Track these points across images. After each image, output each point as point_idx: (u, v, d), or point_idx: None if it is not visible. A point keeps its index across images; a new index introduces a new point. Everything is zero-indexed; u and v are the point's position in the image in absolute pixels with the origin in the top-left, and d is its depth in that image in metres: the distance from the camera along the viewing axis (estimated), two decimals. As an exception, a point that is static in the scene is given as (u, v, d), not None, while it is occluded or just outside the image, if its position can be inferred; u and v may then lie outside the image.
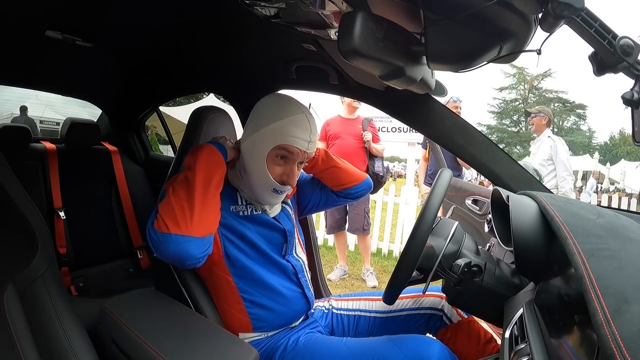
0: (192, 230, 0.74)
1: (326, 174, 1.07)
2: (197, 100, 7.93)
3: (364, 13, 0.55)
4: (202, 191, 0.78)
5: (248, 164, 0.90)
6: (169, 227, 0.73)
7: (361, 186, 1.12)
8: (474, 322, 1.00)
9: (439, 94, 0.97)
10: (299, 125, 0.86)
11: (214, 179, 0.82)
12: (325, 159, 1.06)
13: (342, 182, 1.09)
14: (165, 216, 0.75)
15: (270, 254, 0.94)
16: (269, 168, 0.88)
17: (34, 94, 9.32)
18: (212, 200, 0.80)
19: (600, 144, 27.13)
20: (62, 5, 0.94)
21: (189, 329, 0.78)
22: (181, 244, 0.73)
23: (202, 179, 0.79)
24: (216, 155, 0.85)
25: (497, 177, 0.96)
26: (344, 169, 1.09)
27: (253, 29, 0.95)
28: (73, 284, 1.54)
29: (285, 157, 0.88)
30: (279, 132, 0.86)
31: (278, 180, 0.89)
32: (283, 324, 0.96)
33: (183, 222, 0.74)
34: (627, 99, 0.55)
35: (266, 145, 0.87)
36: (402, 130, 4.49)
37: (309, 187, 1.13)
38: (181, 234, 0.73)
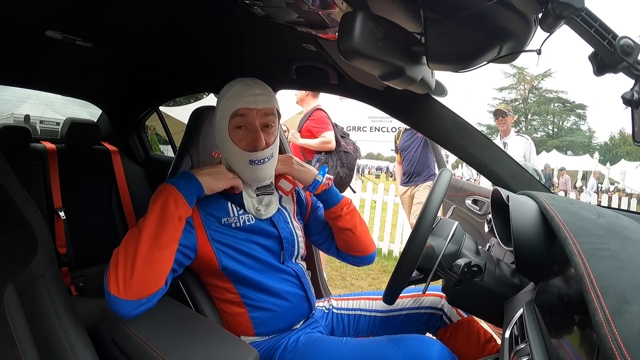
0: (129, 294, 0.70)
1: (340, 233, 1.03)
2: (197, 100, 7.92)
3: (364, 13, 0.55)
4: (147, 250, 0.73)
5: (223, 153, 0.92)
6: (110, 285, 0.71)
7: (363, 259, 1.08)
8: (473, 322, 1.00)
9: (439, 94, 0.97)
10: (240, 88, 0.87)
11: (165, 235, 0.75)
12: (349, 220, 1.01)
13: (349, 248, 1.05)
14: (112, 269, 0.72)
15: (269, 261, 0.93)
16: (236, 143, 0.87)
17: (34, 94, 9.31)
18: (158, 258, 0.74)
19: (600, 144, 27.12)
20: (62, 5, 0.94)
21: (189, 329, 0.78)
22: (117, 305, 0.71)
23: (149, 236, 0.74)
24: (175, 202, 0.77)
25: (497, 177, 0.96)
26: (358, 236, 1.03)
27: (253, 28, 0.95)
28: (73, 284, 1.54)
29: (243, 124, 0.87)
30: (227, 105, 0.87)
31: (248, 149, 0.87)
32: (285, 328, 0.95)
33: (122, 284, 0.70)
34: (627, 99, 0.55)
35: (223, 123, 0.88)
36: (402, 130, 4.49)
37: (320, 224, 1.08)
38: (117, 296, 0.70)
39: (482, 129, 25.61)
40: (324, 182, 0.99)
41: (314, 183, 0.98)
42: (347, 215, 1.01)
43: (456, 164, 12.66)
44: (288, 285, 0.95)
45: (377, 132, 4.71)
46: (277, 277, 0.94)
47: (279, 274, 0.94)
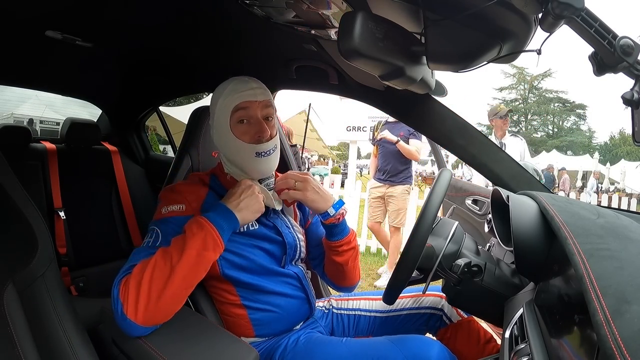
0: (146, 322, 0.70)
1: (330, 264, 1.01)
2: (197, 100, 7.91)
3: (364, 13, 0.55)
4: (178, 285, 0.71)
5: (224, 150, 0.91)
6: (128, 309, 0.68)
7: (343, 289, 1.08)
8: (473, 322, 1.00)
9: (439, 94, 0.97)
10: (236, 85, 0.87)
11: (199, 273, 0.75)
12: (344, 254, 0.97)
13: (335, 278, 1.05)
14: (131, 293, 0.69)
15: (270, 266, 0.92)
16: (239, 138, 0.87)
17: (34, 94, 9.32)
18: (185, 292, 0.74)
19: (600, 144, 27.13)
20: (62, 5, 0.94)
21: (189, 329, 0.78)
22: (129, 327, 0.69)
23: (182, 278, 0.71)
24: (214, 244, 0.75)
25: (497, 177, 0.96)
26: (347, 272, 1.01)
27: (253, 28, 0.95)
28: (73, 284, 1.54)
29: (245, 118, 0.87)
30: (226, 102, 0.87)
31: (253, 142, 0.87)
32: (285, 329, 0.95)
33: (142, 311, 0.68)
34: (627, 99, 0.55)
35: (225, 120, 0.87)
36: (402, 130, 4.49)
37: (315, 241, 1.06)
38: (134, 322, 0.69)
39: (482, 129, 25.58)
40: (336, 216, 0.93)
41: (324, 214, 0.93)
42: (346, 252, 0.98)
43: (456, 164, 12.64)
44: (289, 287, 0.95)
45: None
46: (277, 280, 0.94)
47: (279, 277, 0.94)
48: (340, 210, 0.93)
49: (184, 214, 0.84)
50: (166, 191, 0.90)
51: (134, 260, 0.76)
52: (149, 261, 0.72)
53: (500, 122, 3.08)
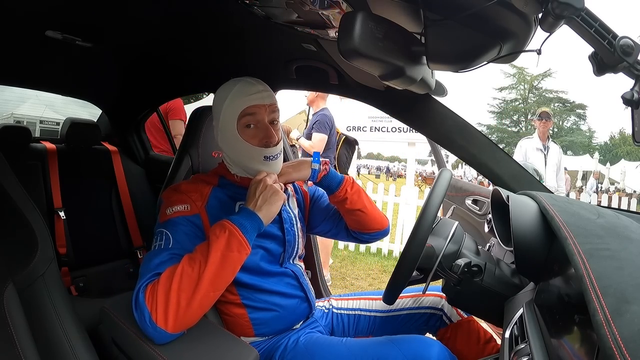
0: (176, 329, 0.70)
1: (350, 214, 1.00)
2: (197, 100, 7.92)
3: (364, 13, 0.55)
4: (205, 292, 0.71)
5: (230, 152, 0.90)
6: (158, 318, 0.68)
7: (378, 234, 1.06)
8: (473, 322, 1.00)
9: (439, 94, 0.97)
10: (242, 87, 0.86)
11: (223, 283, 0.74)
12: (356, 200, 0.98)
13: (363, 227, 1.02)
14: (160, 301, 0.68)
15: (268, 266, 0.92)
16: (247, 141, 0.86)
17: (34, 94, 9.32)
18: (212, 300, 0.74)
19: (600, 144, 27.12)
20: (63, 5, 0.94)
21: (189, 329, 0.78)
22: (159, 335, 0.69)
23: (209, 282, 0.71)
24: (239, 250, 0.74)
25: (497, 177, 0.96)
26: (369, 214, 1.01)
27: (253, 29, 0.95)
28: (73, 284, 1.54)
29: (253, 122, 0.86)
30: (234, 104, 0.85)
31: (262, 146, 0.86)
32: (285, 328, 0.95)
33: (172, 320, 0.68)
34: (627, 99, 0.55)
35: (231, 123, 0.86)
36: (402, 130, 4.50)
37: (323, 212, 1.07)
38: (165, 330, 0.68)
39: (482, 129, 25.61)
40: (321, 168, 0.95)
41: (312, 173, 0.95)
42: (354, 195, 0.97)
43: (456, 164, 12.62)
44: (287, 286, 0.95)
45: (377, 132, 4.70)
46: (276, 280, 0.94)
47: (278, 277, 0.94)
48: (321, 160, 0.96)
49: (190, 213, 0.84)
50: (169, 192, 0.89)
51: (148, 264, 0.75)
52: (175, 269, 0.71)
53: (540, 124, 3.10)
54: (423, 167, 22.68)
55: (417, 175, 4.09)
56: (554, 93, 27.05)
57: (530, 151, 3.12)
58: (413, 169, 4.90)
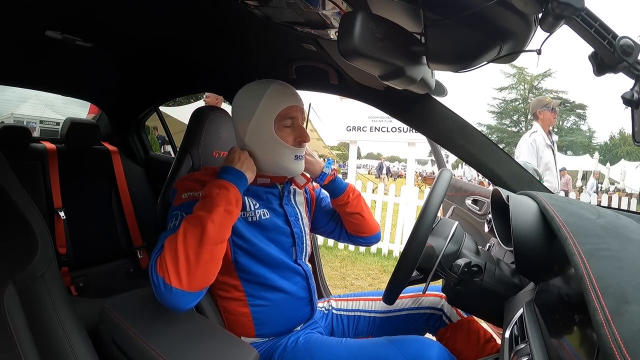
0: (194, 285, 0.71)
1: (350, 217, 1.08)
2: (197, 100, 7.92)
3: (364, 13, 0.55)
4: (213, 243, 0.74)
5: (261, 150, 0.91)
6: (171, 278, 0.69)
7: (372, 238, 1.14)
8: (473, 322, 1.00)
9: (439, 94, 0.97)
10: (280, 89, 0.91)
11: (228, 229, 0.78)
12: (356, 205, 1.06)
13: (359, 230, 1.10)
14: (169, 263, 0.70)
15: (282, 258, 0.93)
16: (283, 139, 0.90)
17: (34, 94, 9.32)
18: (220, 251, 0.77)
19: (600, 144, 27.11)
20: (63, 5, 0.94)
21: (189, 329, 0.78)
22: (180, 298, 0.70)
23: (215, 230, 0.74)
24: (237, 198, 0.80)
25: (497, 177, 0.96)
26: (366, 219, 1.09)
27: (253, 29, 0.95)
28: (73, 284, 1.54)
29: (290, 123, 0.91)
30: (271, 104, 0.89)
31: (295, 145, 0.91)
32: (285, 330, 0.95)
33: (185, 277, 0.70)
34: (627, 99, 0.55)
35: (268, 121, 0.89)
36: (402, 130, 4.50)
37: (328, 214, 1.13)
38: (180, 289, 0.70)
39: (482, 129, 25.61)
40: (330, 173, 1.04)
41: (321, 175, 1.03)
42: (354, 200, 1.06)
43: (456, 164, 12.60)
44: (295, 285, 0.95)
45: (377, 132, 4.71)
46: (286, 275, 0.94)
47: (288, 273, 0.95)
48: (332, 166, 1.05)
49: None
50: (183, 180, 0.91)
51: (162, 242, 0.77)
52: (177, 232, 0.74)
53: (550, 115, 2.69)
54: (423, 167, 22.68)
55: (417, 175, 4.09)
56: (554, 93, 27.02)
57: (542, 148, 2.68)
58: (413, 169, 4.90)
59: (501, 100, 28.08)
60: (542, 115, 2.70)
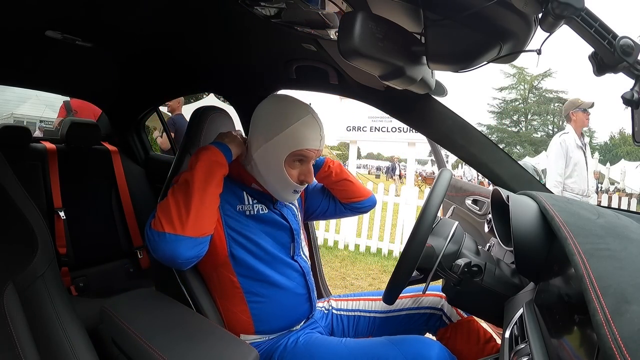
0: (186, 230, 0.74)
1: (338, 186, 1.11)
2: (197, 100, 7.92)
3: (364, 13, 0.55)
4: (200, 191, 0.78)
5: (264, 170, 0.91)
6: (164, 226, 0.73)
7: (367, 202, 1.16)
8: (473, 322, 1.00)
9: (439, 94, 0.97)
10: (309, 126, 0.88)
11: (214, 179, 0.82)
12: (339, 172, 1.10)
13: (351, 196, 1.13)
14: (161, 215, 0.75)
15: (278, 254, 0.94)
16: (288, 173, 0.89)
17: (34, 94, 9.32)
18: (210, 199, 0.80)
19: (600, 144, 27.10)
20: (63, 5, 0.94)
21: (189, 329, 0.78)
22: (173, 243, 0.73)
23: (200, 179, 0.79)
24: (217, 155, 0.85)
25: (497, 177, 0.96)
26: (355, 183, 1.13)
27: (253, 29, 0.95)
28: (73, 284, 1.54)
29: (302, 160, 0.91)
30: (292, 139, 0.87)
31: (297, 182, 0.91)
32: (284, 327, 0.95)
33: (178, 222, 0.74)
34: (627, 99, 0.55)
35: (282, 153, 0.88)
36: (402, 130, 4.50)
37: (319, 194, 1.15)
38: (175, 234, 0.73)
39: (482, 129, 25.60)
40: None
41: None
42: (336, 168, 1.10)
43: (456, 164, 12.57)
44: (292, 282, 0.95)
45: (377, 132, 4.71)
46: (283, 271, 0.94)
47: (285, 269, 0.95)
48: None
49: None
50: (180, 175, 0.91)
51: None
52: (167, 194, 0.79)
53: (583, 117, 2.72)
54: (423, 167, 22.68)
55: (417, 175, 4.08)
56: (554, 93, 27.04)
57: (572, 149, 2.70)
58: (413, 169, 4.91)
59: (501, 100, 28.10)
60: (574, 116, 2.75)
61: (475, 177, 13.46)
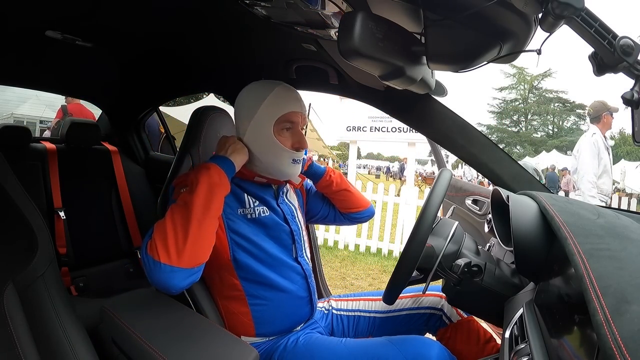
0: (182, 261, 0.71)
1: (338, 195, 1.12)
2: (197, 100, 7.92)
3: (364, 13, 0.55)
4: (199, 220, 0.74)
5: (259, 150, 0.92)
6: (160, 254, 0.70)
7: (365, 212, 1.18)
8: (473, 322, 1.00)
9: (439, 94, 0.97)
10: (284, 92, 0.92)
11: (214, 203, 0.78)
12: (340, 182, 1.12)
13: (350, 206, 1.14)
14: (158, 240, 0.72)
15: (281, 256, 0.93)
16: (281, 142, 0.91)
17: (34, 94, 9.33)
18: (209, 226, 0.77)
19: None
20: (63, 5, 0.94)
21: (189, 329, 0.78)
22: (168, 274, 0.70)
23: (201, 205, 0.75)
24: (219, 175, 0.81)
25: (497, 177, 0.96)
26: (354, 193, 1.14)
27: (253, 29, 0.95)
28: (73, 284, 1.54)
29: (290, 127, 0.92)
30: (273, 107, 0.90)
31: (292, 149, 0.92)
32: (285, 329, 0.95)
33: (174, 252, 0.71)
34: (627, 99, 0.55)
35: (268, 124, 0.90)
36: (402, 130, 4.50)
37: (320, 199, 1.17)
38: (170, 265, 0.70)
39: (482, 129, 25.60)
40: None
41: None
42: (337, 178, 1.12)
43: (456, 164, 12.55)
44: (294, 284, 0.95)
45: (377, 132, 4.71)
46: (285, 274, 0.94)
47: (288, 271, 0.95)
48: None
49: None
50: (181, 177, 0.90)
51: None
52: (165, 215, 0.76)
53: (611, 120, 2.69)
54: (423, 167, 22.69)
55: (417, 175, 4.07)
56: (554, 93, 27.06)
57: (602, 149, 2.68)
58: (413, 169, 4.91)
59: (501, 100, 28.14)
60: (605, 118, 2.71)
61: (475, 177, 13.47)
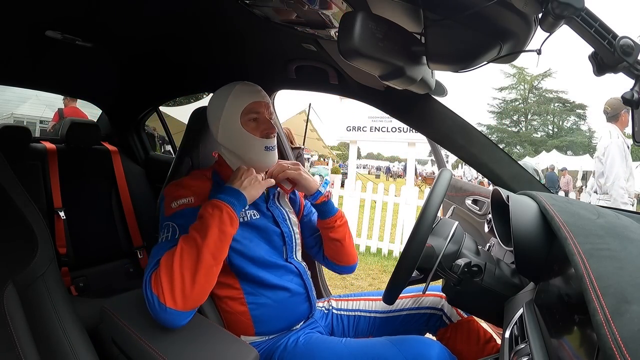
0: (187, 305, 0.72)
1: (331, 243, 1.07)
2: (197, 100, 7.91)
3: (364, 13, 0.55)
4: (209, 265, 0.75)
5: (233, 145, 0.95)
6: (166, 298, 0.71)
7: (345, 268, 1.13)
8: (473, 322, 1.00)
9: (439, 94, 0.97)
10: (245, 87, 0.96)
11: (224, 252, 0.79)
12: (341, 231, 1.06)
13: (336, 258, 1.10)
14: (165, 283, 0.71)
15: (272, 257, 0.94)
16: (250, 132, 0.93)
17: (34, 94, 9.33)
18: (216, 272, 0.78)
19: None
20: (62, 5, 0.94)
21: (189, 329, 0.78)
22: (174, 317, 0.72)
23: (210, 253, 0.75)
24: (231, 220, 0.80)
25: (497, 177, 0.96)
26: (346, 248, 1.09)
27: (253, 29, 0.95)
28: (73, 284, 1.54)
29: (256, 117, 0.94)
30: (236, 101, 0.94)
31: (262, 136, 0.94)
32: (285, 328, 0.95)
33: (180, 297, 0.71)
34: (627, 99, 0.55)
35: (235, 117, 0.93)
36: (402, 130, 4.51)
37: (311, 230, 1.12)
38: (175, 309, 0.71)
39: (482, 129, 25.60)
40: (324, 193, 1.03)
41: (315, 193, 1.02)
42: (340, 227, 1.06)
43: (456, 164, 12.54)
44: (290, 283, 0.96)
45: (377, 132, 4.71)
46: (279, 274, 0.95)
47: (281, 271, 0.95)
48: (328, 188, 1.05)
49: (194, 205, 0.87)
50: (171, 187, 0.91)
51: (156, 257, 0.77)
52: (174, 250, 0.75)
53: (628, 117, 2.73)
54: (423, 167, 22.70)
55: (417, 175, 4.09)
56: (554, 93, 27.05)
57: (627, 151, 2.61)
58: (413, 169, 4.91)
59: (501, 100, 28.12)
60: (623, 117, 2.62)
61: (475, 177, 13.46)
